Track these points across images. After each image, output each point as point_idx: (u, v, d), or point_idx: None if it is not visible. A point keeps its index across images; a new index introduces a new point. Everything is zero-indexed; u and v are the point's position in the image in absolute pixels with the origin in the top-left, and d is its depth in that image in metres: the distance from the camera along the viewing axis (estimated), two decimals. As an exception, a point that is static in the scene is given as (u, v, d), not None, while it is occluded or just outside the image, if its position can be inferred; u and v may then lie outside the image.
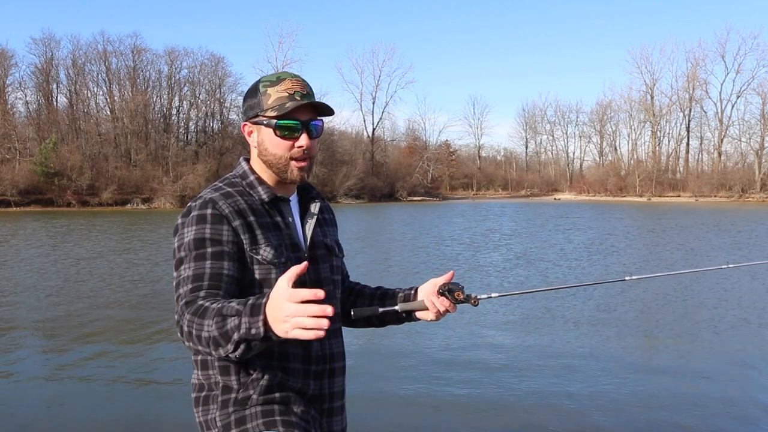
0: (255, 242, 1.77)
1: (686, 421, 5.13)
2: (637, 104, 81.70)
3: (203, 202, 1.77)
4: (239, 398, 1.77)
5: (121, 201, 52.09)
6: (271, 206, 1.85)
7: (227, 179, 1.89)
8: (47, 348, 7.78)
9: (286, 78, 1.83)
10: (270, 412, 1.77)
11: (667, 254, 17.32)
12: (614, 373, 6.51)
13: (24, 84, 62.80)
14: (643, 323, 8.81)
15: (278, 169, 1.84)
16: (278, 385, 1.79)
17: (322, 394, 1.88)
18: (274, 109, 1.79)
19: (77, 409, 5.49)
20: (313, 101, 1.80)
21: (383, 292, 2.14)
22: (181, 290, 1.67)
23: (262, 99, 1.82)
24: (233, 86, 68.24)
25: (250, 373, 1.77)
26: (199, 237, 1.72)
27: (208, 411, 1.81)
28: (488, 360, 6.98)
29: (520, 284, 12.10)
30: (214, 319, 1.51)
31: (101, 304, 10.30)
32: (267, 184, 1.87)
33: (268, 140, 1.83)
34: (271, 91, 1.81)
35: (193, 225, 1.74)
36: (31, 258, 16.81)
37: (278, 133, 1.81)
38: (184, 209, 1.82)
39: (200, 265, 1.69)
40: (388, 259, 16.45)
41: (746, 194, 64.42)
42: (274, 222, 1.83)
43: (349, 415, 2.00)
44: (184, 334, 1.59)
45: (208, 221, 1.74)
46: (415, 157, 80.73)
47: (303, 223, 1.92)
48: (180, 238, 1.76)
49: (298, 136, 1.82)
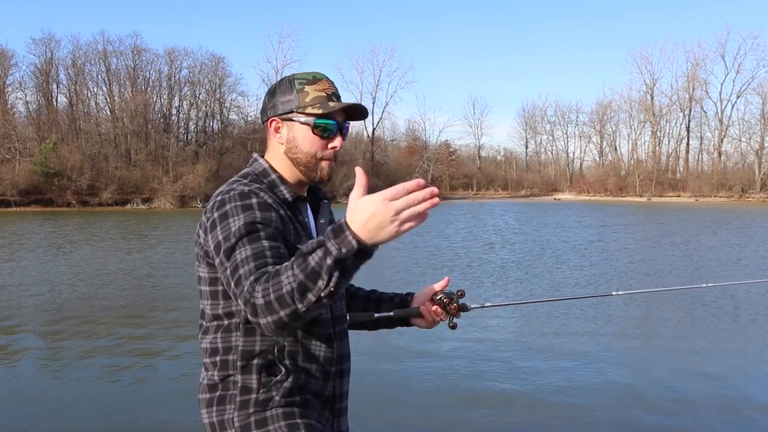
0: (298, 236, 1.77)
1: (688, 421, 5.14)
2: (637, 104, 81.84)
3: (243, 193, 1.72)
4: (260, 399, 1.75)
5: (121, 201, 52.08)
6: (293, 205, 1.84)
7: (249, 175, 1.85)
8: (47, 348, 7.77)
9: (323, 78, 1.83)
10: (291, 414, 1.76)
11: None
12: (615, 372, 6.52)
13: (24, 84, 62.90)
14: (645, 322, 8.82)
15: (307, 167, 1.83)
16: (300, 387, 1.78)
17: (335, 394, 1.89)
18: (315, 107, 1.78)
19: (78, 410, 5.49)
20: (358, 104, 1.82)
21: (378, 296, 2.13)
22: (242, 271, 1.56)
23: (299, 96, 1.80)
24: (233, 86, 68.46)
25: (274, 374, 1.76)
26: (249, 221, 1.65)
27: (223, 411, 1.77)
28: (488, 360, 6.99)
29: (519, 286, 12.10)
30: (293, 268, 1.41)
31: (102, 304, 10.29)
32: (288, 183, 1.85)
33: (302, 137, 1.81)
34: (308, 89, 1.80)
35: (239, 213, 1.67)
36: (30, 258, 16.80)
37: (316, 131, 1.80)
38: (213, 204, 1.74)
39: (258, 246, 1.60)
40: (383, 260, 16.45)
41: (746, 194, 64.43)
42: (299, 220, 1.83)
43: (349, 415, 2.02)
44: (260, 309, 1.46)
45: (255, 208, 1.68)
46: (415, 157, 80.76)
47: (317, 223, 1.92)
48: (225, 228, 1.66)
49: (333, 137, 1.82)
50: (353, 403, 2.01)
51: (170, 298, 10.84)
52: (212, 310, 1.80)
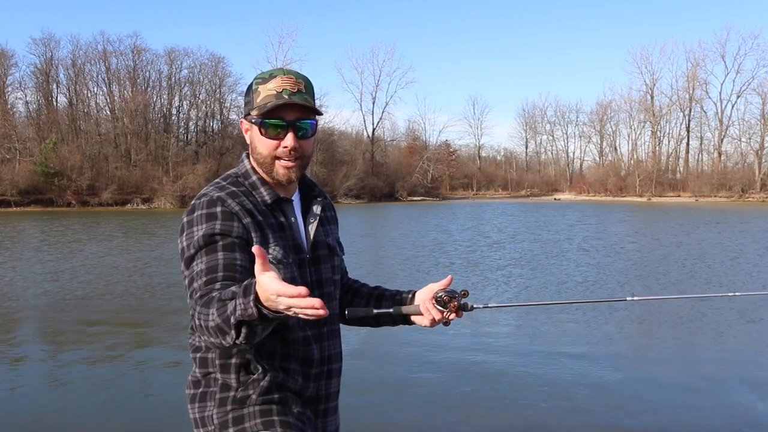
0: (265, 241, 1.75)
1: (688, 421, 5.13)
2: (637, 104, 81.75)
3: (210, 201, 1.74)
4: (238, 397, 1.77)
5: (121, 201, 52.09)
6: (274, 207, 1.83)
7: (230, 177, 1.86)
8: (48, 348, 7.77)
9: (278, 75, 1.79)
10: (268, 411, 1.77)
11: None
12: (614, 372, 6.51)
13: (24, 84, 62.95)
14: (646, 322, 8.81)
15: (265, 168, 1.83)
16: (278, 385, 1.79)
17: (318, 395, 1.89)
18: (260, 108, 1.77)
19: (78, 411, 5.48)
20: (293, 101, 1.74)
21: (380, 292, 2.12)
22: (195, 284, 1.63)
23: (253, 97, 1.80)
24: (233, 86, 68.33)
25: (251, 373, 1.77)
26: (208, 233, 1.68)
27: (204, 408, 1.81)
28: (487, 358, 6.98)
29: (522, 286, 12.09)
30: (216, 306, 1.49)
31: (102, 305, 10.29)
32: (269, 184, 1.84)
33: (256, 139, 1.82)
34: (261, 88, 1.79)
35: (203, 223, 1.71)
36: (30, 258, 16.80)
37: (263, 132, 1.79)
38: (188, 207, 1.79)
39: (212, 258, 1.65)
40: (385, 259, 16.44)
41: (746, 194, 64.40)
42: (278, 222, 1.82)
43: (343, 414, 2.01)
44: (197, 328, 1.56)
45: (218, 218, 1.71)
46: (415, 157, 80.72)
47: (306, 223, 1.90)
48: (189, 236, 1.72)
49: (283, 136, 1.78)
50: (353, 403, 2.00)
51: (171, 297, 10.82)
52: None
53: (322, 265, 1.90)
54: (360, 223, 32.69)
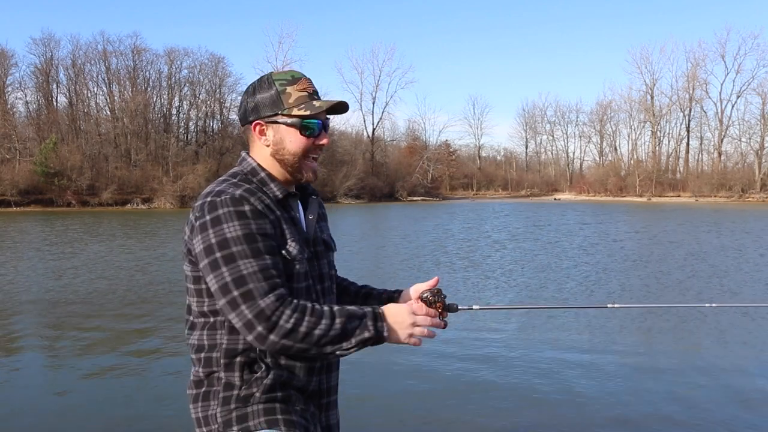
0: (284, 238, 1.78)
1: (689, 421, 5.14)
2: (637, 104, 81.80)
3: (234, 198, 1.73)
4: (241, 395, 1.78)
5: (121, 201, 52.11)
6: (284, 202, 1.85)
7: (239, 175, 1.86)
8: (49, 347, 7.77)
9: (301, 77, 1.85)
10: (272, 410, 1.78)
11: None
12: (614, 372, 6.52)
13: (24, 84, 63.01)
14: (646, 322, 8.82)
15: (294, 168, 1.85)
16: (282, 383, 1.80)
17: (320, 389, 1.91)
18: (301, 108, 1.81)
19: (79, 411, 5.49)
20: (342, 101, 1.86)
21: (367, 291, 2.15)
22: (252, 285, 1.65)
23: (282, 98, 1.81)
24: (233, 86, 68.30)
25: (255, 371, 1.78)
26: (247, 232, 1.69)
27: (207, 407, 1.81)
28: (486, 358, 6.99)
29: (522, 286, 12.09)
30: (336, 319, 1.68)
31: (102, 305, 10.29)
32: (278, 181, 1.86)
33: (289, 139, 1.83)
34: (290, 90, 1.82)
35: (234, 220, 1.70)
36: (30, 258, 16.80)
37: (304, 132, 1.82)
38: (202, 204, 1.75)
39: (262, 262, 1.69)
40: (385, 259, 16.45)
41: (746, 194, 64.42)
42: (291, 217, 1.85)
43: (343, 412, 2.03)
44: (280, 329, 1.64)
45: (249, 216, 1.71)
46: (415, 157, 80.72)
47: (306, 219, 1.94)
48: (219, 233, 1.69)
49: (319, 135, 1.85)
50: (353, 404, 2.02)
51: (171, 298, 10.83)
52: (198, 307, 1.83)
53: (321, 260, 1.93)
54: (360, 223, 32.69)
